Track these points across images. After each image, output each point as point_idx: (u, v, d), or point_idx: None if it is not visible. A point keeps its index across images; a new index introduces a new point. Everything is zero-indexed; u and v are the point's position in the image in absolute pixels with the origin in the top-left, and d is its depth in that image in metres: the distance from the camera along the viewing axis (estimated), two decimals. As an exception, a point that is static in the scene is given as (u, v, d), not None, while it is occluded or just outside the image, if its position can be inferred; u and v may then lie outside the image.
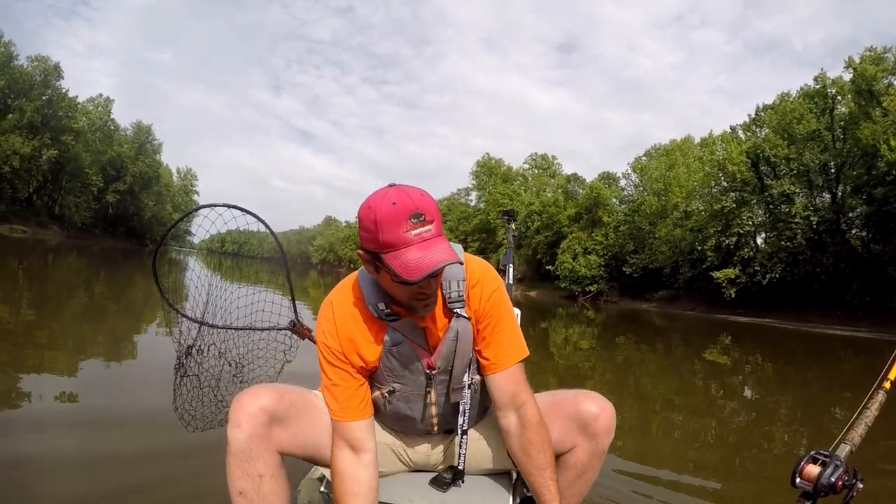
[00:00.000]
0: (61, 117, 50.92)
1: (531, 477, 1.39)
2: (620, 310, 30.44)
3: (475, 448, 1.51)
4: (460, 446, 1.44)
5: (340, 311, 1.35)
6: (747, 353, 11.34)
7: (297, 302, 1.90)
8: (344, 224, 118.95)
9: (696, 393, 6.14)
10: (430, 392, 1.41)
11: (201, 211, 1.75)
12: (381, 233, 1.15)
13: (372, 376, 1.40)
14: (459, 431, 1.43)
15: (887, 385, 1.58)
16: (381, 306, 1.31)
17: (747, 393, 6.44)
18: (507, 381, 1.38)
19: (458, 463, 1.44)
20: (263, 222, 1.86)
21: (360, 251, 1.25)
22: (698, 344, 12.93)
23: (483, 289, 1.38)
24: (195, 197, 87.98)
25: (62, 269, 15.31)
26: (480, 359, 1.41)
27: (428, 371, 1.38)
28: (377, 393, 1.41)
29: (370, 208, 1.17)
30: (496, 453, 1.52)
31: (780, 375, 8.51)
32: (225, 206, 1.72)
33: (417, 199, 1.16)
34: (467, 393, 1.42)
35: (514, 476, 1.56)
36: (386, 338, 1.34)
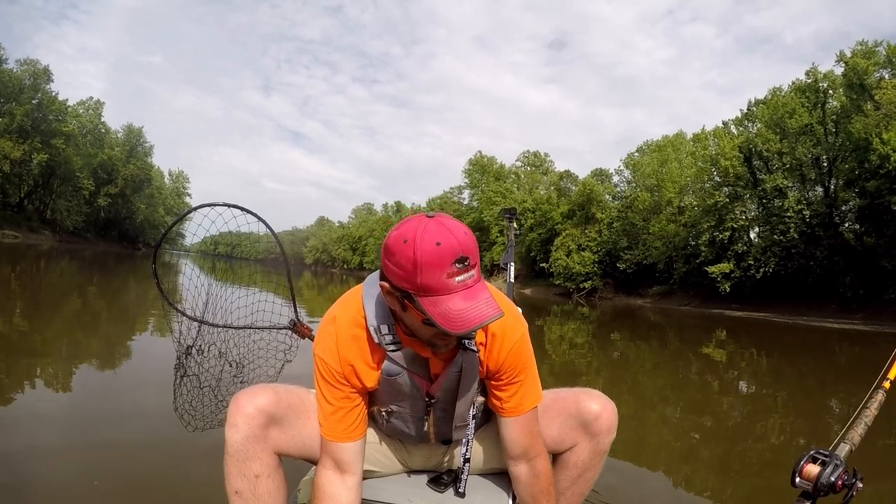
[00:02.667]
0: (51, 121, 50.61)
1: None
2: (615, 306, 30.49)
3: (475, 448, 1.50)
4: (464, 457, 1.41)
5: (344, 330, 1.25)
6: (742, 348, 11.38)
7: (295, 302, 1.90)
8: (337, 224, 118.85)
9: (693, 389, 6.16)
10: (428, 417, 1.38)
11: (200, 210, 1.74)
12: (421, 276, 1.03)
13: (371, 394, 1.36)
14: (462, 459, 1.41)
15: (887, 385, 1.58)
16: (384, 330, 1.23)
17: (743, 388, 6.47)
18: (522, 431, 1.34)
19: (461, 470, 1.42)
20: (264, 221, 1.86)
21: (383, 283, 1.13)
22: (693, 339, 12.98)
23: (504, 339, 1.28)
24: (187, 199, 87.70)
25: (55, 274, 15.19)
26: (493, 398, 1.35)
27: (427, 399, 1.33)
28: (375, 409, 1.38)
29: (407, 244, 1.04)
30: (495, 454, 1.49)
31: (776, 370, 8.55)
32: (225, 204, 1.71)
33: (462, 240, 1.04)
34: (471, 424, 1.38)
35: None
36: (384, 366, 1.27)
